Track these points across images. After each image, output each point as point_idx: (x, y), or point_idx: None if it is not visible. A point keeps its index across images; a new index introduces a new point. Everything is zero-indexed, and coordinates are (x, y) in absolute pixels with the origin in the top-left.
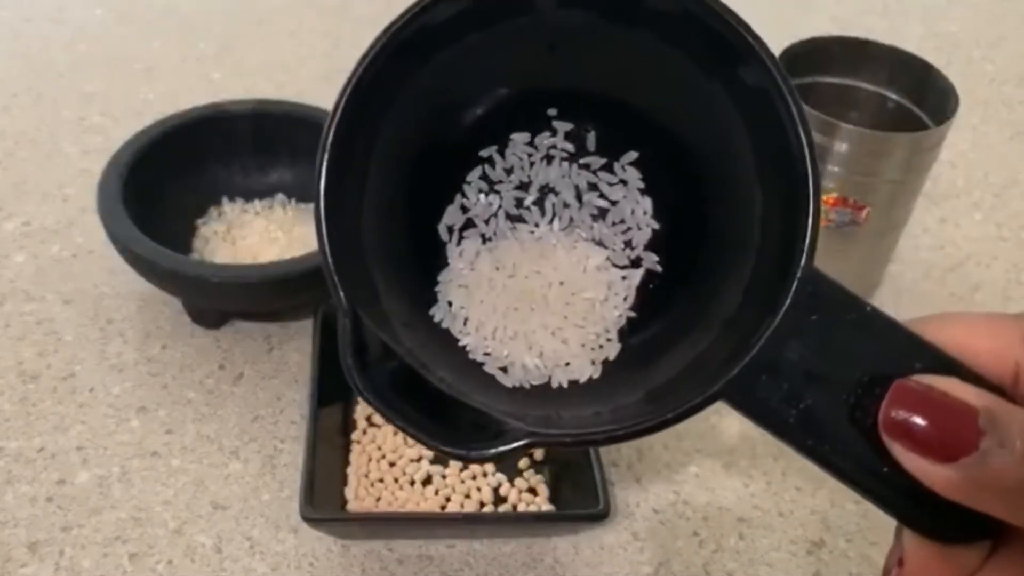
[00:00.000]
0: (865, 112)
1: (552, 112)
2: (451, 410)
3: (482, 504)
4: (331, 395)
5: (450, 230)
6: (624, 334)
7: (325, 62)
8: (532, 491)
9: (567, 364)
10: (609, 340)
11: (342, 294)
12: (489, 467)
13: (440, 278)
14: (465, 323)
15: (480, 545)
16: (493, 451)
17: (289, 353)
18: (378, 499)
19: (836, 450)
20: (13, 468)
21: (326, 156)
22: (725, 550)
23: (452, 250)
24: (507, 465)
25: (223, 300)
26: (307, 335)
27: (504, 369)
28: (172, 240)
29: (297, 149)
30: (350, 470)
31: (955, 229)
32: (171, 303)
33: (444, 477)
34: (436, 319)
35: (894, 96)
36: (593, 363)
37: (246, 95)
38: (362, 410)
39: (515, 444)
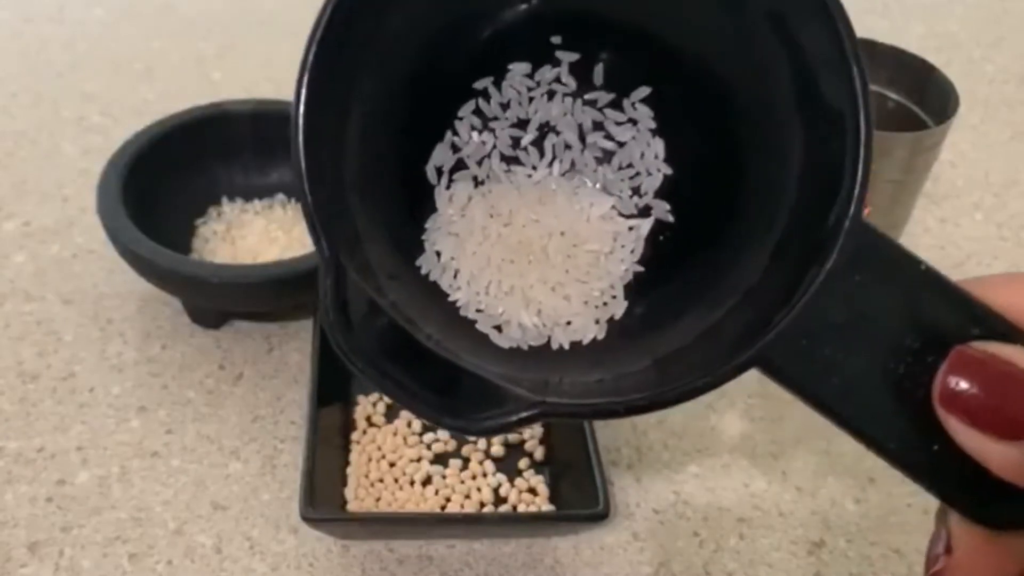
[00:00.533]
0: None
1: (556, 40)
2: (448, 376)
3: (482, 504)
4: (331, 395)
5: (439, 171)
6: (631, 291)
7: None
8: (532, 491)
9: (568, 323)
10: (614, 297)
11: (323, 239)
12: (489, 467)
13: (428, 225)
14: (456, 276)
15: (480, 545)
16: (493, 423)
17: (289, 353)
18: (378, 499)
19: (880, 424)
20: (13, 468)
21: (306, 76)
22: (725, 550)
23: (441, 194)
24: (507, 465)
25: (223, 300)
26: (307, 335)
27: (499, 328)
28: (172, 240)
29: None
30: (350, 470)
31: (955, 229)
32: (171, 303)
33: (444, 477)
34: (423, 271)
35: (894, 96)
36: (597, 322)
37: (246, 95)
38: (362, 410)
39: (520, 415)
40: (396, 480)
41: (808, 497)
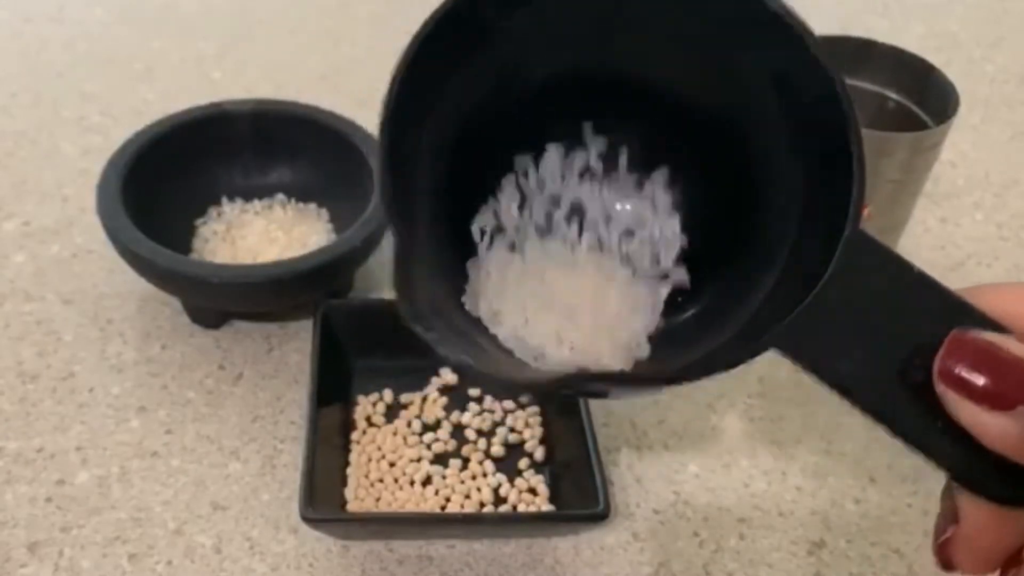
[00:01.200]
0: (865, 112)
1: (587, 127)
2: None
3: (482, 504)
4: (331, 395)
5: (482, 232)
6: (654, 338)
7: (325, 62)
8: (532, 491)
9: (597, 361)
10: (639, 345)
11: (394, 210)
12: (489, 467)
13: (470, 271)
14: (494, 316)
15: (480, 545)
16: (535, 377)
17: (289, 353)
18: (378, 499)
19: (888, 404)
20: (12, 468)
21: (400, 79)
22: (725, 550)
23: (483, 251)
24: (507, 465)
25: (223, 300)
26: (307, 335)
27: (535, 358)
28: (172, 240)
29: (297, 149)
30: (350, 470)
31: (956, 229)
32: (171, 303)
33: (444, 477)
34: (467, 307)
35: (894, 96)
36: (624, 362)
37: (246, 95)
38: (362, 410)
39: (561, 374)
40: (396, 480)
41: (808, 497)
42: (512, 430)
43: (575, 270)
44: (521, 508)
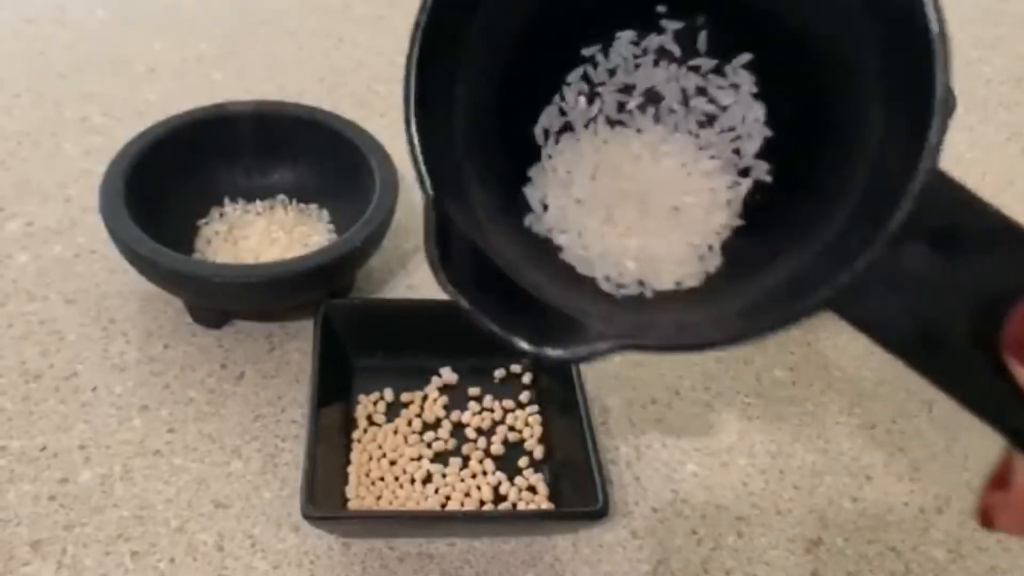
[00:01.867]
0: None
1: (661, 9)
2: (537, 310)
3: (482, 503)
4: (332, 394)
5: (546, 133)
6: (727, 247)
7: (326, 62)
8: (532, 490)
9: (661, 271)
10: (711, 250)
11: (427, 180)
12: (489, 466)
13: (532, 174)
14: (560, 219)
15: (480, 543)
16: (572, 351)
17: (290, 352)
18: (378, 497)
19: (954, 367)
20: (16, 467)
21: (425, 17)
22: (723, 548)
23: (547, 150)
24: (507, 464)
25: (224, 300)
26: (308, 335)
27: (596, 273)
28: (174, 240)
29: (298, 150)
30: (351, 469)
31: None
32: (173, 303)
33: (444, 476)
34: (526, 222)
35: None
36: (692, 274)
37: (247, 96)
38: (363, 409)
39: (598, 347)
40: (396, 478)
41: (806, 495)
42: (512, 429)
43: (649, 163)
44: (521, 506)
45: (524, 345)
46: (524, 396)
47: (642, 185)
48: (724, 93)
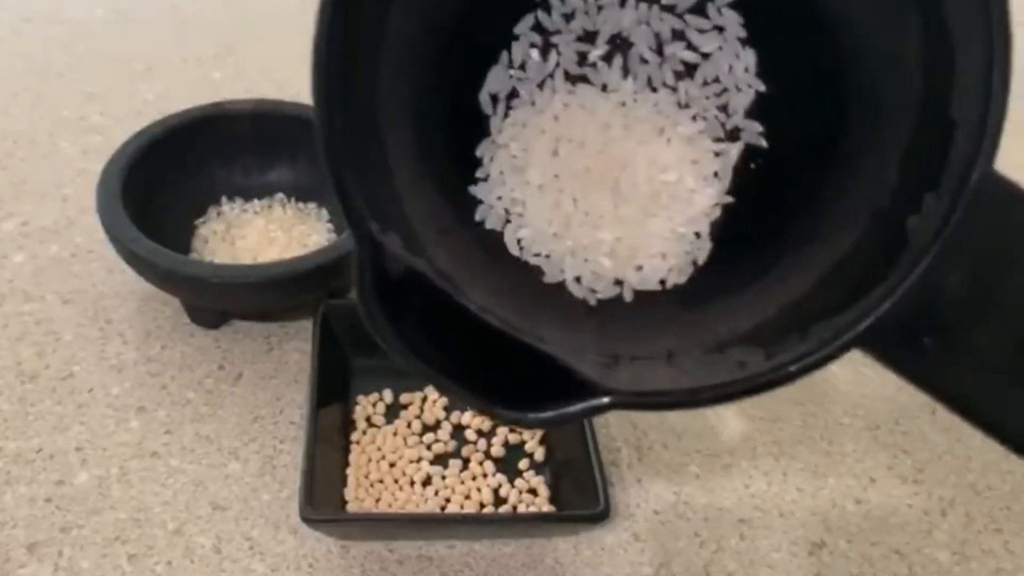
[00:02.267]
0: None
1: None
2: (504, 361)
3: (482, 505)
4: (331, 395)
5: (494, 99)
6: (716, 230)
7: None
8: (532, 492)
9: (641, 268)
10: (698, 236)
11: (352, 202)
12: (489, 468)
13: (482, 156)
14: (517, 216)
15: (480, 546)
16: (553, 415)
17: (289, 353)
18: (378, 500)
19: (1007, 406)
20: (12, 469)
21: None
22: (726, 551)
23: (497, 124)
24: (507, 466)
25: (222, 300)
26: (307, 335)
27: (566, 275)
28: (171, 240)
29: (297, 149)
30: (350, 471)
31: None
32: (170, 303)
33: (444, 478)
34: (478, 217)
35: None
36: (677, 268)
37: (246, 95)
38: (362, 411)
39: (585, 405)
40: (396, 480)
41: (809, 498)
42: (512, 430)
43: (620, 129)
44: (521, 508)
45: (502, 412)
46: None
47: (612, 162)
48: (706, 37)
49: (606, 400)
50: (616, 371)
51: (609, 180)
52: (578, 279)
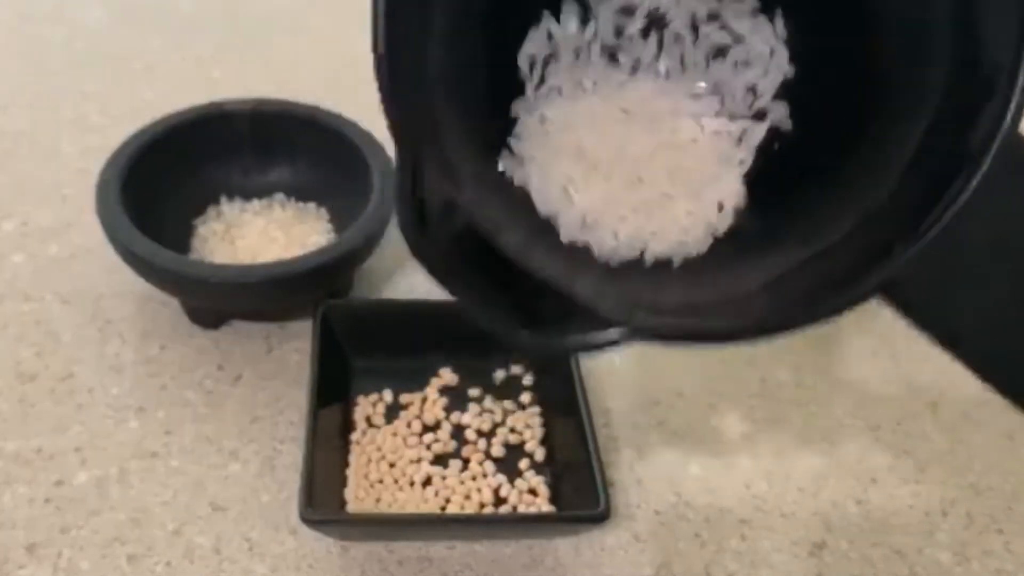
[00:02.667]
0: None
1: None
2: (529, 291)
3: (482, 505)
4: (330, 396)
5: (532, 62)
6: (737, 205)
7: (325, 62)
8: (532, 492)
9: (665, 240)
10: (721, 210)
11: (402, 128)
12: (489, 468)
13: (517, 114)
14: (545, 180)
15: (480, 547)
16: (576, 341)
17: (288, 354)
18: (378, 500)
19: (1017, 362)
20: (11, 469)
21: None
22: (727, 551)
23: (533, 86)
24: (507, 466)
25: (222, 300)
26: (306, 335)
27: (586, 238)
28: (171, 240)
29: (296, 149)
30: (349, 471)
31: None
32: (170, 303)
33: (444, 478)
34: (506, 173)
35: None
36: (698, 237)
37: (246, 94)
38: (361, 411)
39: (606, 337)
40: (396, 481)
41: (810, 498)
42: (512, 431)
43: (652, 100)
44: (521, 509)
45: (529, 336)
46: (525, 397)
47: (638, 147)
48: (740, 20)
49: (627, 330)
50: (636, 313)
51: (636, 165)
52: (596, 245)
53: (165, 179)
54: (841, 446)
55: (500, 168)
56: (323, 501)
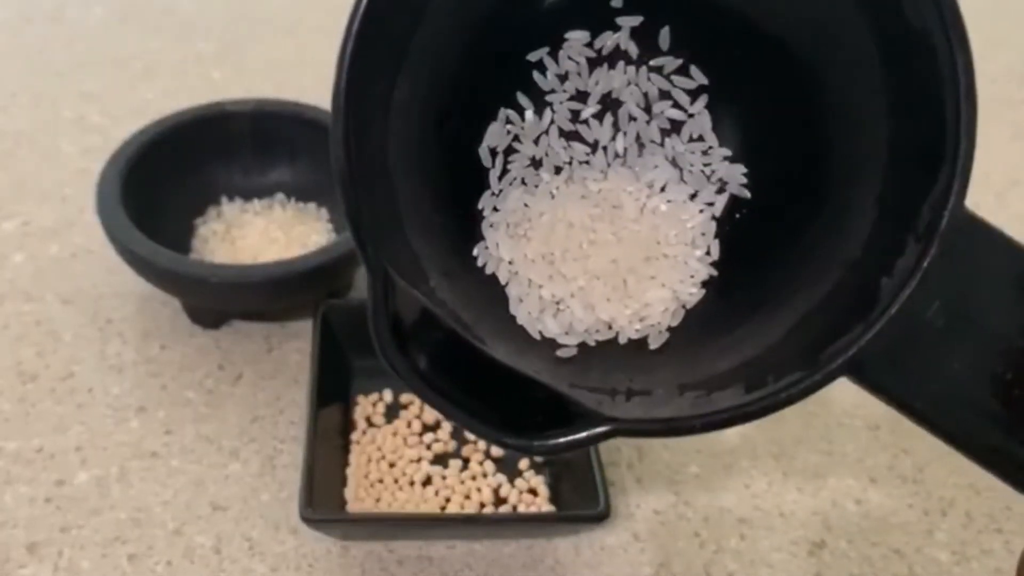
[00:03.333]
0: None
1: (617, 3)
2: (511, 394)
3: (482, 505)
4: (331, 395)
5: (493, 153)
6: (706, 280)
7: (325, 62)
8: (532, 492)
9: (636, 316)
10: (692, 286)
11: (369, 249)
12: (489, 468)
13: (484, 211)
14: (511, 264)
15: (480, 546)
16: (561, 441)
17: (289, 353)
18: (378, 500)
19: (985, 432)
20: (12, 468)
21: (350, 47)
22: (726, 551)
23: (495, 177)
24: (507, 466)
25: (222, 300)
26: (307, 335)
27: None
28: (171, 240)
29: (297, 149)
30: (350, 471)
31: None
32: (170, 303)
33: (444, 478)
34: (479, 262)
35: None
36: (668, 311)
37: (246, 95)
38: (362, 411)
39: (590, 433)
40: (396, 480)
41: (809, 498)
42: None
43: (612, 190)
44: (521, 509)
45: (510, 440)
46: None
47: (604, 234)
48: (691, 98)
49: (608, 428)
50: (614, 402)
51: (603, 260)
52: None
53: (165, 179)
54: (840, 445)
55: (478, 265)
56: (323, 501)
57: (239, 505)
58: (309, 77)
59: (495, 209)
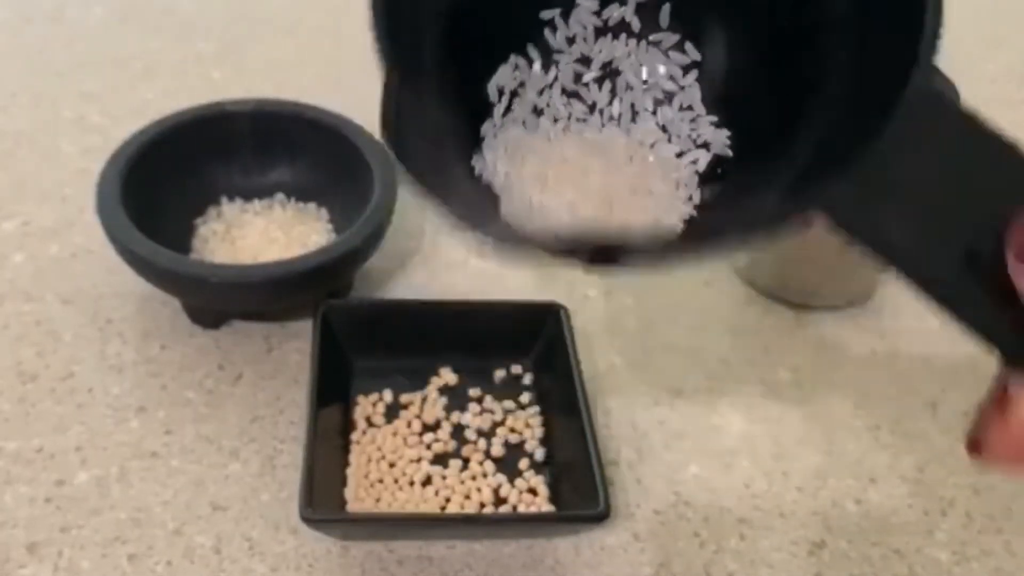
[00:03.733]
0: None
1: None
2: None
3: (482, 505)
4: (331, 395)
5: (500, 92)
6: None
7: (325, 62)
8: (532, 492)
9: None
10: (675, 220)
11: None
12: (489, 468)
13: (485, 134)
14: (509, 184)
15: (480, 546)
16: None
17: (289, 353)
18: (378, 500)
19: (947, 282)
20: (12, 468)
21: None
22: (726, 551)
23: (499, 113)
24: (507, 466)
25: (222, 300)
26: (307, 335)
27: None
28: (171, 240)
29: (297, 149)
30: (350, 471)
31: None
32: (170, 303)
33: (444, 478)
34: (476, 171)
35: None
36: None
37: (246, 95)
38: (362, 410)
39: (588, 239)
40: (396, 480)
41: (809, 498)
42: (512, 430)
43: (605, 140)
44: (521, 509)
45: (491, 228)
46: (525, 397)
47: (597, 169)
48: (685, 70)
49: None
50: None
51: (600, 184)
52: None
53: (165, 179)
54: (840, 445)
55: (476, 171)
56: (323, 501)
57: (239, 505)
58: (309, 77)
59: (495, 136)
